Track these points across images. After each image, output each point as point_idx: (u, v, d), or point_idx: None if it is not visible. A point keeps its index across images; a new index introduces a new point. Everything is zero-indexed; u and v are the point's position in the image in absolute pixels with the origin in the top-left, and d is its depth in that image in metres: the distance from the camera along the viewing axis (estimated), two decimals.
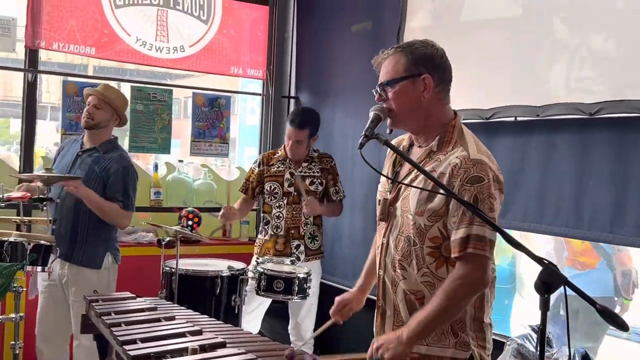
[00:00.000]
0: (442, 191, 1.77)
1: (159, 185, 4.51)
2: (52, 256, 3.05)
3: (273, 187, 3.68)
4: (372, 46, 3.72)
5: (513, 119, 3.04)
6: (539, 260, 1.47)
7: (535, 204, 2.93)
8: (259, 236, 3.81)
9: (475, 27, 3.28)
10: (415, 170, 1.89)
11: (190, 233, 3.62)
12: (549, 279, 1.43)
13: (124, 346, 1.76)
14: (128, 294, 2.43)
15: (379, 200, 2.07)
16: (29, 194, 3.12)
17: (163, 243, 3.48)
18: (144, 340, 1.82)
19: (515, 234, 2.79)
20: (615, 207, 2.60)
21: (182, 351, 1.74)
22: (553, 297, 1.66)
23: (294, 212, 3.65)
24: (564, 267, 3.82)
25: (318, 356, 1.86)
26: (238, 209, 3.78)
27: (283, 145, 3.75)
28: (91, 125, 3.26)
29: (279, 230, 3.66)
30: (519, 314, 4.13)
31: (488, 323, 1.94)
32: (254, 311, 3.64)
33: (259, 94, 5.05)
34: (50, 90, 5.71)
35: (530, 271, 3.81)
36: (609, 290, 3.76)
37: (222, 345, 1.84)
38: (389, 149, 2.00)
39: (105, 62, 4.75)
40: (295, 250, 3.65)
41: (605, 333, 3.60)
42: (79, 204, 3.16)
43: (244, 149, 6.19)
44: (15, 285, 2.92)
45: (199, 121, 4.70)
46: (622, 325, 1.38)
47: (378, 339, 1.89)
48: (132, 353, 1.71)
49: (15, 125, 5.12)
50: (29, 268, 2.95)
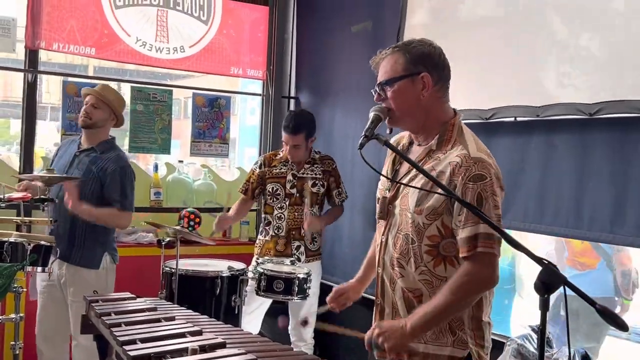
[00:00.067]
0: (441, 191, 1.77)
1: (159, 185, 4.52)
2: (52, 257, 3.05)
3: (275, 189, 3.68)
4: (372, 46, 3.71)
5: (513, 119, 3.04)
6: (538, 260, 1.47)
7: (535, 204, 2.93)
8: (260, 237, 3.81)
9: (475, 27, 3.28)
10: (415, 169, 1.89)
11: (190, 233, 3.62)
12: (549, 279, 1.43)
13: (124, 346, 1.76)
14: (128, 295, 2.42)
15: (378, 198, 2.07)
16: (29, 195, 3.12)
17: (163, 243, 3.48)
18: (144, 340, 1.82)
19: (515, 234, 2.79)
20: (615, 207, 2.59)
21: (182, 351, 1.74)
22: (553, 298, 1.66)
23: (296, 214, 3.66)
24: (565, 268, 3.81)
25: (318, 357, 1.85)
26: (235, 213, 3.79)
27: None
28: (88, 124, 3.27)
29: (280, 231, 3.66)
30: (519, 314, 4.13)
31: (487, 322, 1.94)
32: (254, 311, 3.65)
33: (259, 95, 5.05)
34: (50, 91, 5.72)
35: (530, 271, 3.81)
36: (609, 290, 3.75)
37: (222, 345, 1.83)
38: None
39: (105, 63, 4.75)
40: (295, 251, 3.65)
41: (607, 334, 3.60)
42: None
43: (244, 149, 6.19)
44: (15, 285, 2.92)
45: (199, 121, 4.70)
46: (622, 326, 1.38)
47: (380, 325, 1.88)
48: (132, 353, 1.71)
49: (15, 126, 5.11)
50: (29, 268, 2.95)
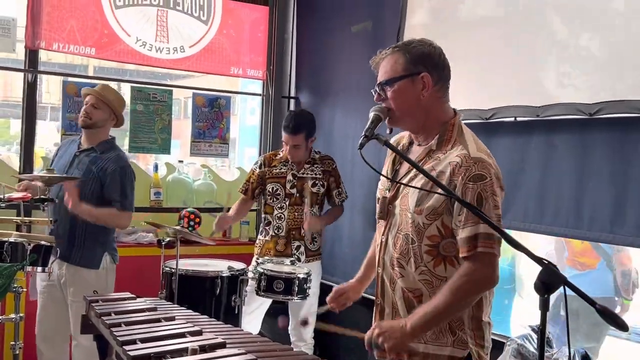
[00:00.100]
0: (441, 191, 1.77)
1: (159, 185, 4.52)
2: (52, 257, 3.05)
3: (275, 189, 3.68)
4: (372, 46, 3.71)
5: (513, 119, 3.04)
6: (538, 260, 1.47)
7: (535, 204, 2.92)
8: (260, 237, 3.81)
9: (475, 27, 3.28)
10: (415, 169, 1.89)
11: (190, 233, 3.62)
12: (549, 279, 1.43)
13: (124, 346, 1.76)
14: (128, 295, 2.42)
15: (378, 198, 2.07)
16: (29, 195, 3.12)
17: (163, 243, 3.48)
18: (144, 340, 1.81)
19: (515, 234, 2.79)
20: (615, 207, 2.59)
21: (182, 351, 1.74)
22: (553, 298, 1.66)
23: (296, 214, 3.65)
24: (565, 268, 3.81)
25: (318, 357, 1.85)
26: (235, 213, 3.79)
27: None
28: (88, 124, 3.28)
29: (280, 231, 3.66)
30: (519, 314, 4.13)
31: (487, 322, 1.94)
32: (254, 312, 3.65)
33: (259, 95, 5.04)
34: (50, 91, 5.72)
35: (530, 271, 3.81)
36: (609, 290, 3.75)
37: (222, 345, 1.83)
38: None
39: (105, 63, 4.75)
40: (295, 251, 3.65)
41: (607, 334, 3.60)
42: None
43: (244, 149, 6.19)
44: (15, 285, 2.92)
45: (199, 121, 4.70)
46: (622, 326, 1.38)
47: (380, 325, 1.88)
48: (132, 353, 1.71)
49: (16, 126, 5.12)
50: (29, 268, 2.95)
